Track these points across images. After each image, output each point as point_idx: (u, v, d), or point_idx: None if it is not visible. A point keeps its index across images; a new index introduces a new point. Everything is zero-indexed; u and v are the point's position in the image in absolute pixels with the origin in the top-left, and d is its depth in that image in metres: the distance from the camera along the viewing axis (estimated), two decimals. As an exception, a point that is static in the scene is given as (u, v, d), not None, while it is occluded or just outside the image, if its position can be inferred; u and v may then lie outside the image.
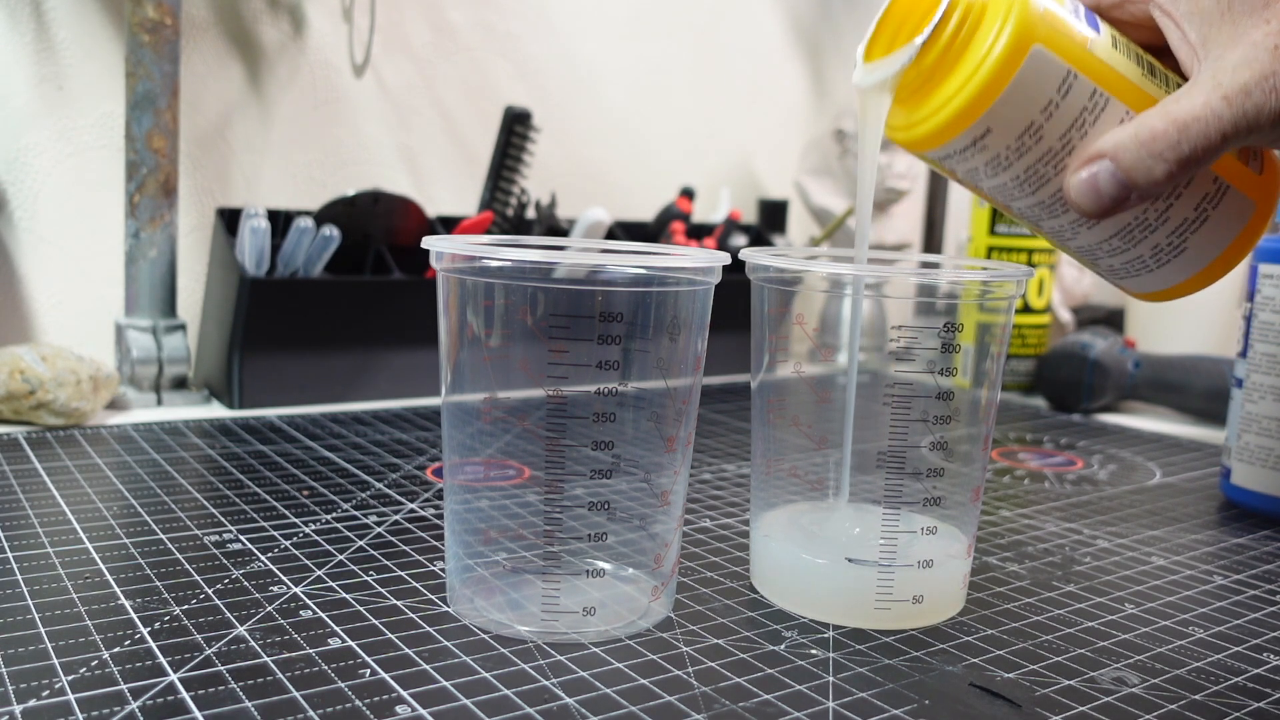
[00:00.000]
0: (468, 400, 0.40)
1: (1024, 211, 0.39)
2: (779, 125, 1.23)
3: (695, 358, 0.41)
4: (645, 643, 0.40)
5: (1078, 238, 0.39)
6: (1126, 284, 0.41)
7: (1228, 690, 0.39)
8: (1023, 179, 0.37)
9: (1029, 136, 0.36)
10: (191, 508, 0.52)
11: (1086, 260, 0.41)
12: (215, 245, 0.78)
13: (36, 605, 0.40)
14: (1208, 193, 0.37)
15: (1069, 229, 0.39)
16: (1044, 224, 0.39)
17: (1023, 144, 0.37)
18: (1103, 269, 0.40)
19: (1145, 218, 0.38)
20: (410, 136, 0.97)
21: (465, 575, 0.42)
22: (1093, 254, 0.40)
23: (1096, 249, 0.39)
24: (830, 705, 0.36)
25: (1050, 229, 0.39)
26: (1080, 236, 0.39)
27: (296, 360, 0.76)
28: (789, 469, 0.46)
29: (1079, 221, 0.38)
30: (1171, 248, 0.38)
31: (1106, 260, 0.40)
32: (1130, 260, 0.39)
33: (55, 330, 0.82)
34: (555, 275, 0.38)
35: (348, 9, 0.92)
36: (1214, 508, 0.63)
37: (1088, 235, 0.39)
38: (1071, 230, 0.39)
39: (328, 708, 0.33)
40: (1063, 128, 0.36)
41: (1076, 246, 0.40)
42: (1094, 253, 0.40)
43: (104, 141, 0.82)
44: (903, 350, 0.41)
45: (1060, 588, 0.48)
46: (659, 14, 1.11)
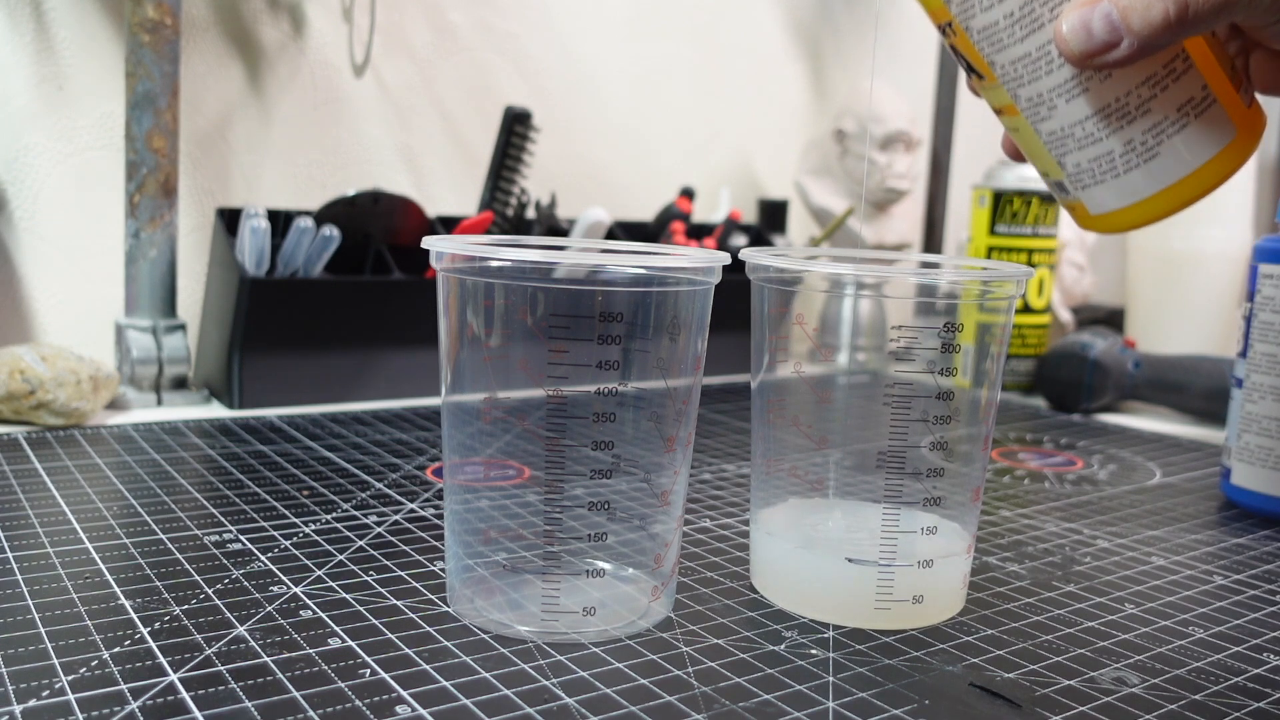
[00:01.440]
0: (468, 400, 0.40)
1: (1006, 70, 0.38)
2: (779, 125, 1.23)
3: (695, 358, 0.41)
4: (645, 643, 0.40)
5: (1053, 115, 0.38)
6: (1087, 195, 0.40)
7: (1228, 690, 0.39)
8: (1017, 18, 0.37)
9: None
10: (191, 508, 0.52)
11: (1053, 156, 0.40)
12: (215, 245, 0.78)
13: (36, 605, 0.40)
14: (1193, 97, 0.37)
15: (1048, 98, 0.38)
16: (1023, 90, 0.38)
17: None
18: (1067, 169, 0.39)
19: (1126, 102, 0.37)
20: (410, 136, 0.97)
21: (465, 575, 0.42)
22: (1063, 143, 0.39)
23: (1069, 134, 0.38)
24: (830, 705, 0.36)
25: (1028, 97, 0.39)
26: (1056, 114, 0.38)
27: (296, 360, 0.76)
28: (789, 469, 0.46)
29: (1060, 88, 0.38)
30: (1145, 148, 0.38)
31: (1074, 155, 0.39)
32: (1099, 157, 0.38)
33: (55, 330, 0.82)
34: (555, 275, 0.38)
35: (348, 9, 0.92)
36: (1214, 508, 0.63)
37: (1064, 112, 0.38)
38: (1050, 101, 0.38)
39: (328, 708, 0.33)
40: None
41: (1048, 131, 0.39)
42: (1064, 141, 0.39)
43: (104, 141, 0.82)
44: (903, 350, 0.41)
45: (1060, 588, 0.48)
46: (659, 14, 1.11)
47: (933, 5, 0.39)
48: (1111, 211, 0.39)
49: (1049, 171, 0.41)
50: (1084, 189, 0.40)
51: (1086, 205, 0.40)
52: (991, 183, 0.97)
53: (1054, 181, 0.41)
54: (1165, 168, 0.38)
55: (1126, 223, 0.39)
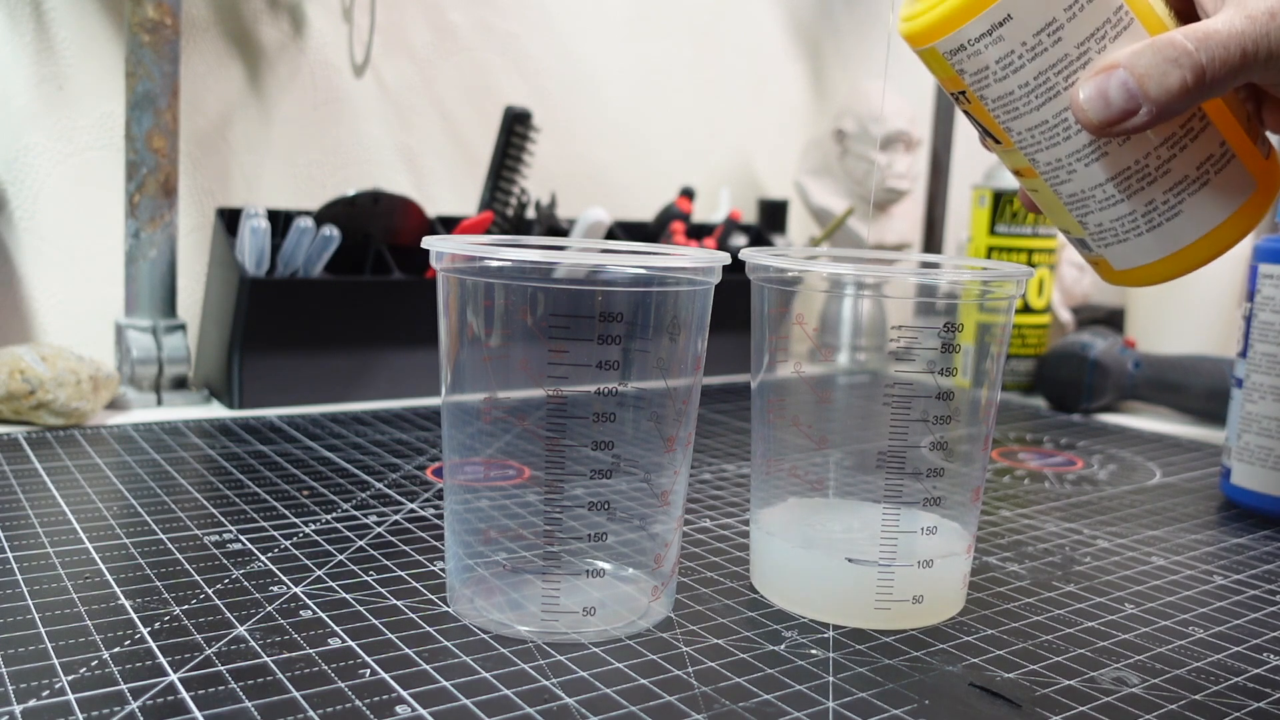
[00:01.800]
0: (468, 400, 0.40)
1: (1023, 137, 0.38)
2: (779, 125, 1.23)
3: (695, 358, 0.41)
4: (645, 643, 0.40)
5: (1073, 179, 0.38)
6: (1110, 253, 0.40)
7: (1228, 690, 0.39)
8: (1032, 87, 0.37)
9: (1047, 35, 0.36)
10: (191, 508, 0.52)
11: (1075, 216, 0.40)
12: (215, 245, 0.78)
13: (36, 605, 0.40)
14: (1212, 154, 0.37)
15: (1067, 163, 0.38)
16: (1041, 155, 0.38)
17: (1039, 43, 0.36)
18: (1089, 229, 0.40)
19: (1146, 164, 0.37)
20: (410, 136, 0.97)
21: (465, 575, 0.42)
22: (1084, 205, 0.39)
23: (1089, 196, 0.38)
24: (830, 705, 0.36)
25: (1047, 162, 0.39)
26: (1076, 178, 0.38)
27: (296, 360, 0.76)
28: (789, 469, 0.46)
29: (1079, 154, 0.38)
30: (1167, 207, 0.38)
31: (1096, 215, 0.39)
32: (1121, 217, 0.38)
33: (55, 330, 0.82)
34: (555, 275, 0.38)
35: (348, 9, 0.92)
36: (1214, 508, 0.63)
37: (1084, 176, 0.38)
38: (1069, 166, 0.38)
39: (328, 708, 0.33)
40: (1082, 34, 0.36)
41: (1069, 193, 0.39)
42: (1085, 203, 0.39)
43: (104, 141, 0.82)
44: (903, 350, 0.41)
45: (1060, 588, 0.48)
46: (659, 14, 1.11)
47: (946, 74, 0.39)
48: (1136, 268, 0.40)
49: (1070, 229, 0.41)
50: (1107, 247, 0.40)
51: (1110, 262, 0.40)
52: (991, 183, 0.97)
53: (1076, 239, 0.41)
54: (1188, 225, 0.38)
55: (1153, 277, 0.39)
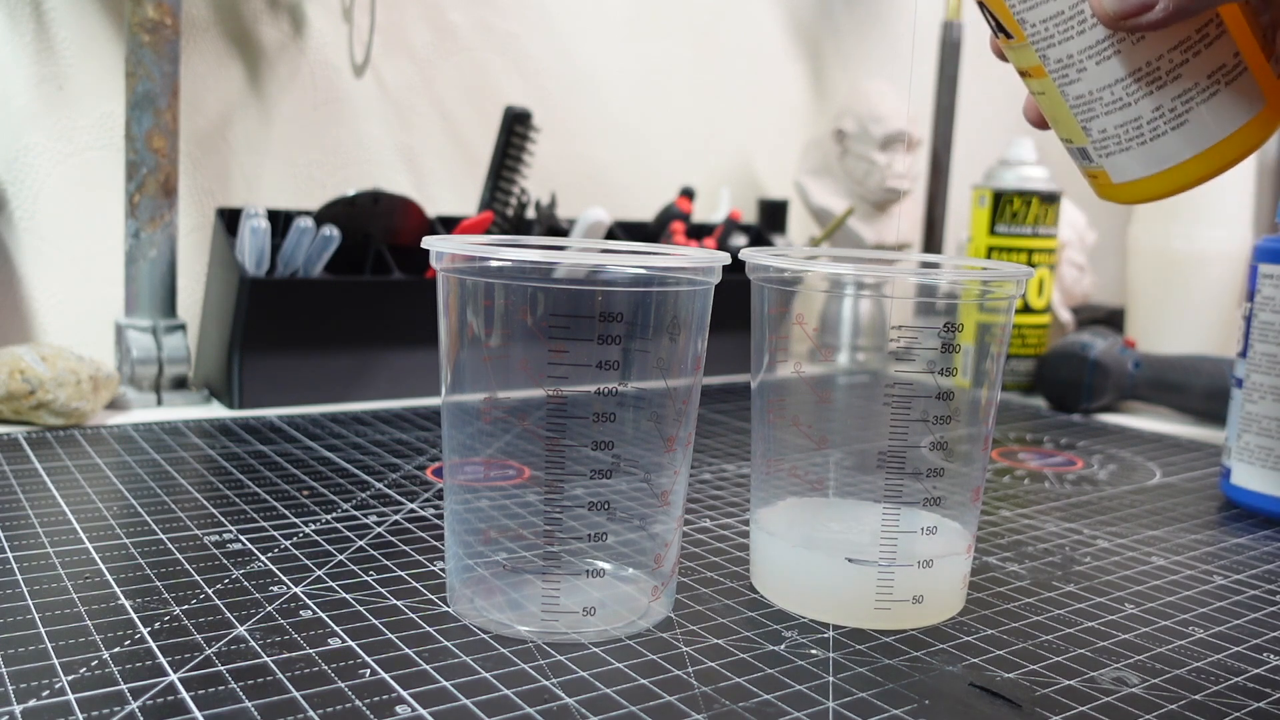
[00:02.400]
0: (468, 400, 0.40)
1: (1037, 29, 0.38)
2: (779, 125, 1.23)
3: (695, 358, 0.41)
4: (645, 643, 0.40)
5: (1083, 78, 0.38)
6: (1111, 163, 0.39)
7: (1228, 690, 0.39)
8: None
9: None
10: (191, 508, 0.52)
11: (1079, 122, 0.39)
12: (215, 245, 0.78)
13: (36, 605, 0.40)
14: (1224, 64, 0.37)
15: (1078, 60, 0.38)
16: (1053, 50, 0.38)
17: None
18: (1093, 135, 0.39)
19: (1157, 66, 0.37)
20: (410, 136, 0.97)
21: (465, 575, 0.42)
22: (1090, 108, 0.38)
23: (1097, 98, 0.38)
24: (830, 705, 0.36)
25: (1058, 58, 0.38)
26: (1086, 76, 0.38)
27: (296, 360, 0.76)
28: (789, 469, 0.46)
29: (1091, 50, 0.37)
30: (1174, 114, 0.37)
31: (1102, 119, 0.38)
32: (1126, 123, 0.38)
33: (55, 330, 0.82)
34: (555, 275, 0.38)
35: (348, 9, 0.92)
36: (1214, 508, 0.63)
37: (1094, 74, 0.38)
38: (1080, 63, 0.38)
39: (328, 708, 0.33)
40: None
41: (1076, 94, 0.39)
42: (1092, 106, 0.38)
43: (104, 141, 0.82)
44: (903, 350, 0.41)
45: (1060, 588, 0.48)
46: (659, 14, 1.11)
47: None
48: (1135, 180, 0.39)
49: (1073, 138, 0.40)
50: (1108, 156, 0.39)
51: (1110, 173, 0.40)
52: (991, 183, 0.97)
53: (1077, 148, 0.40)
54: (1193, 135, 0.37)
55: (1149, 192, 0.39)
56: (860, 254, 0.50)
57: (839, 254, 0.51)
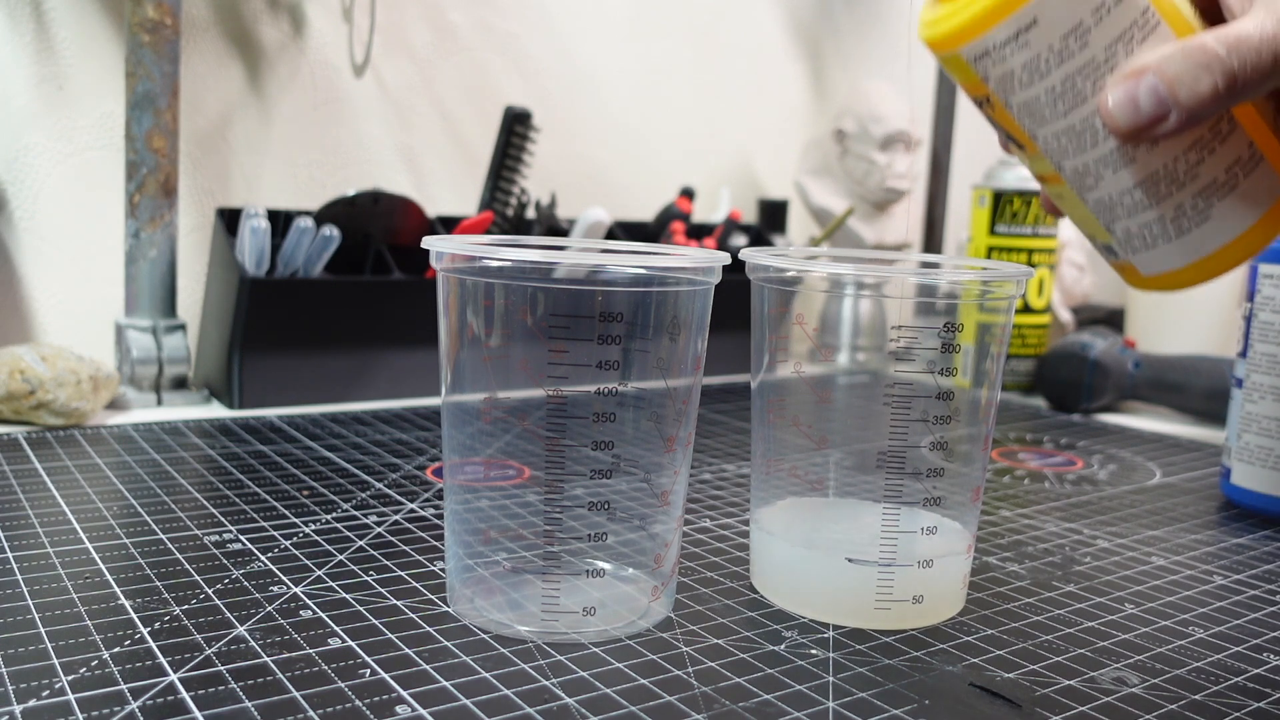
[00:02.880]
0: (468, 400, 0.40)
1: (1049, 143, 0.38)
2: (779, 125, 1.23)
3: (695, 358, 0.41)
4: (645, 643, 0.40)
5: (1100, 185, 0.38)
6: (1139, 259, 0.39)
7: (1228, 690, 0.39)
8: (1059, 93, 0.37)
9: (1074, 39, 0.36)
10: (191, 508, 0.52)
11: (1101, 223, 0.39)
12: (215, 245, 0.78)
13: (36, 605, 0.40)
14: (1240, 157, 0.37)
15: (1094, 169, 0.38)
16: (1068, 162, 0.38)
17: (1066, 47, 0.36)
18: (1117, 235, 0.39)
19: (1175, 169, 0.37)
20: (410, 136, 0.97)
21: (465, 575, 0.42)
22: (1111, 211, 0.38)
23: (1117, 203, 0.38)
24: (830, 705, 0.36)
25: (1073, 168, 0.38)
26: (1103, 184, 0.38)
27: (296, 360, 0.76)
28: (789, 469, 0.46)
29: (1106, 159, 0.37)
30: (1196, 212, 0.37)
31: (1123, 222, 0.38)
32: (1148, 223, 0.38)
33: (55, 330, 0.82)
34: (555, 275, 0.38)
35: (348, 9, 0.92)
36: (1214, 508, 0.63)
37: (1111, 182, 0.38)
38: (1096, 172, 0.38)
39: (328, 708, 0.33)
40: (1110, 37, 0.35)
41: (1095, 199, 0.39)
42: (1113, 210, 0.38)
43: (104, 141, 0.82)
44: (903, 350, 0.41)
45: (1060, 588, 0.48)
46: (659, 14, 1.11)
47: (969, 80, 0.38)
48: (1165, 273, 0.39)
49: (1096, 236, 0.40)
50: (1135, 253, 0.39)
51: (1138, 268, 0.40)
52: (991, 183, 0.97)
53: (1103, 245, 0.40)
54: (1218, 229, 0.38)
55: (1183, 282, 0.39)
56: (860, 254, 0.50)
57: (839, 254, 0.51)
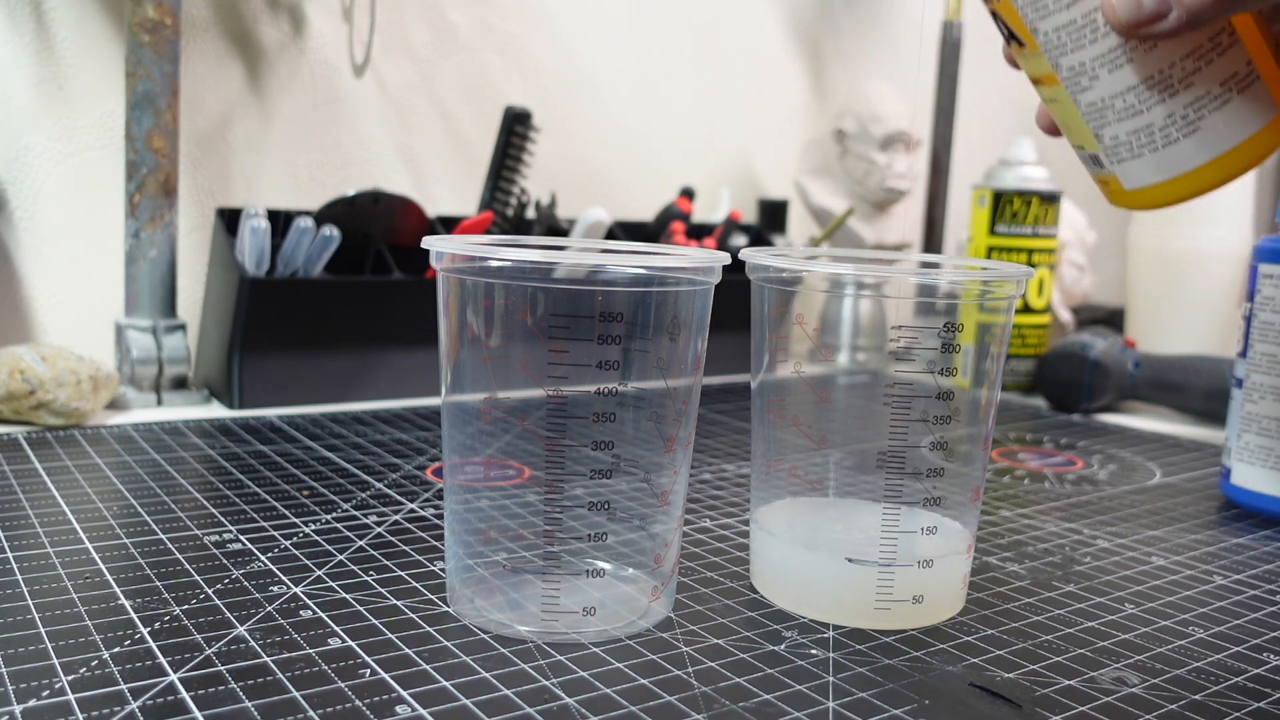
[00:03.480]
0: (468, 400, 0.40)
1: (1049, 38, 0.38)
2: (779, 125, 1.23)
3: (695, 358, 0.41)
4: (645, 643, 0.40)
5: (1095, 85, 0.38)
6: (1122, 170, 0.39)
7: (1228, 690, 0.39)
8: None
9: None
10: (191, 508, 0.52)
11: (1091, 129, 0.39)
12: (215, 245, 0.78)
13: (36, 605, 0.40)
14: (1237, 72, 0.37)
15: (1090, 68, 0.38)
16: (1065, 59, 0.38)
17: None
18: (1105, 142, 0.39)
19: (1170, 74, 0.37)
20: (410, 136, 0.97)
21: (465, 575, 0.42)
22: (1102, 115, 0.39)
23: (1109, 105, 0.38)
24: (830, 705, 0.36)
25: (1070, 66, 0.38)
26: (1098, 84, 0.38)
27: (296, 360, 0.76)
28: (789, 469, 0.46)
29: (1103, 58, 0.37)
30: (1186, 122, 0.37)
31: (1114, 127, 0.39)
32: (1138, 129, 0.38)
33: (55, 330, 0.82)
34: (555, 275, 0.38)
35: (348, 9, 0.92)
36: (1214, 508, 0.63)
37: (1106, 82, 0.38)
38: (1092, 71, 0.38)
39: (328, 708, 0.33)
40: None
41: (1088, 102, 0.39)
42: (1104, 113, 0.38)
43: (104, 141, 0.82)
44: (903, 350, 0.41)
45: (1060, 588, 0.48)
46: (659, 14, 1.11)
47: None
48: (1146, 187, 0.39)
49: (1084, 144, 0.40)
50: (1120, 163, 0.39)
51: (1121, 180, 0.40)
52: (991, 183, 0.97)
53: (1089, 154, 0.40)
54: (1205, 143, 0.38)
55: (1161, 198, 0.39)
56: (860, 254, 0.50)
57: (839, 254, 0.51)
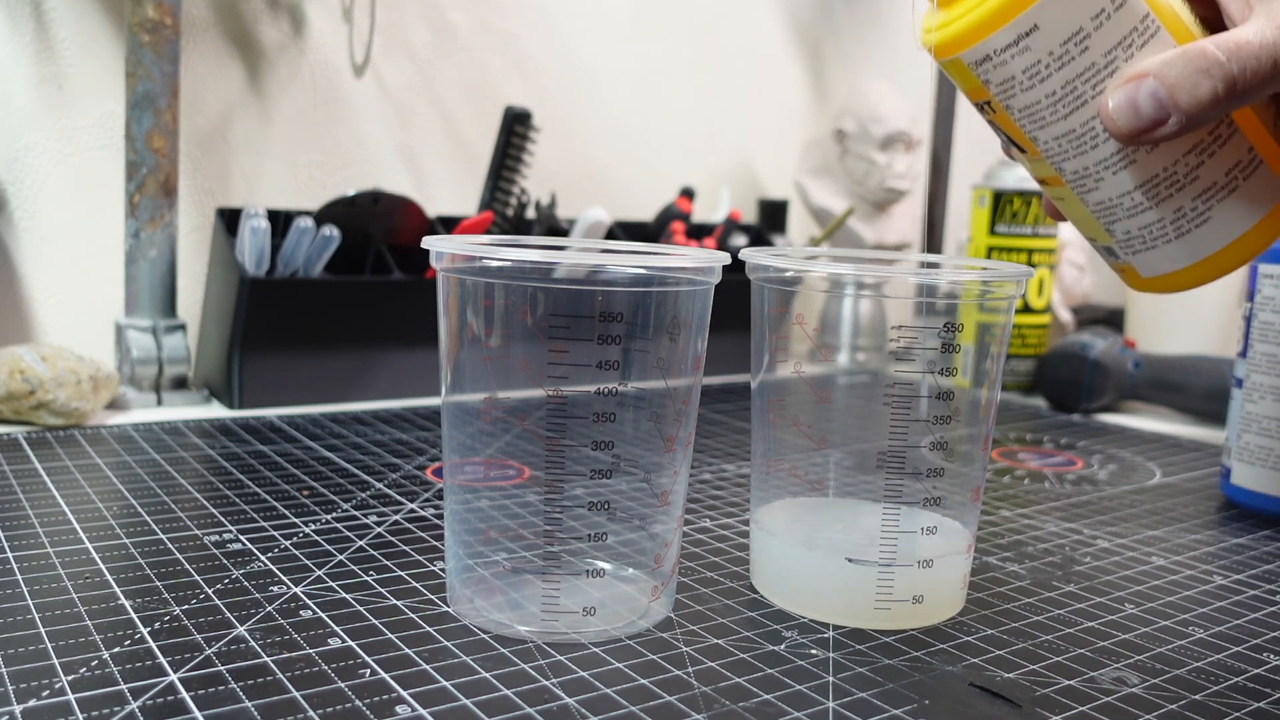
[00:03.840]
0: (468, 400, 0.40)
1: (1049, 146, 0.38)
2: (779, 125, 1.23)
3: (695, 358, 0.41)
4: (645, 643, 0.40)
5: (1100, 187, 0.38)
6: (1138, 260, 0.40)
7: (1228, 690, 0.39)
8: (1059, 96, 0.37)
9: (1074, 44, 0.36)
10: (191, 508, 0.52)
11: (1101, 225, 0.39)
12: (215, 245, 0.78)
13: (36, 605, 0.40)
14: (1240, 160, 0.37)
15: (1094, 171, 0.38)
16: (1068, 164, 0.38)
17: (1066, 52, 0.36)
18: (1117, 236, 0.39)
19: (1175, 171, 0.37)
20: (410, 136, 0.97)
21: (465, 575, 0.42)
22: (1111, 213, 0.39)
23: (1117, 204, 0.38)
24: (830, 705, 0.36)
25: (1074, 171, 0.38)
26: (1104, 185, 0.38)
27: (296, 360, 0.76)
28: (789, 469, 0.46)
29: (1106, 162, 0.37)
30: (1195, 214, 0.37)
31: (1124, 223, 0.39)
32: (1148, 225, 0.38)
33: (55, 330, 0.82)
34: (555, 275, 0.38)
35: (348, 9, 0.92)
36: (1214, 508, 0.63)
37: (1112, 184, 0.38)
38: (1097, 174, 0.38)
39: (328, 708, 0.33)
40: (1110, 43, 0.36)
41: (1096, 201, 0.39)
42: (1113, 211, 0.39)
43: (104, 141, 0.82)
44: (903, 350, 0.41)
45: (1060, 588, 0.48)
46: (659, 14, 1.11)
47: (970, 84, 0.39)
48: (1165, 275, 0.39)
49: (1097, 238, 0.40)
50: (1135, 254, 0.40)
51: (1139, 270, 0.40)
52: (991, 183, 0.97)
53: (1103, 247, 0.41)
54: (1217, 231, 0.38)
55: (1182, 284, 0.39)
56: (860, 254, 0.50)
57: (839, 254, 0.51)
